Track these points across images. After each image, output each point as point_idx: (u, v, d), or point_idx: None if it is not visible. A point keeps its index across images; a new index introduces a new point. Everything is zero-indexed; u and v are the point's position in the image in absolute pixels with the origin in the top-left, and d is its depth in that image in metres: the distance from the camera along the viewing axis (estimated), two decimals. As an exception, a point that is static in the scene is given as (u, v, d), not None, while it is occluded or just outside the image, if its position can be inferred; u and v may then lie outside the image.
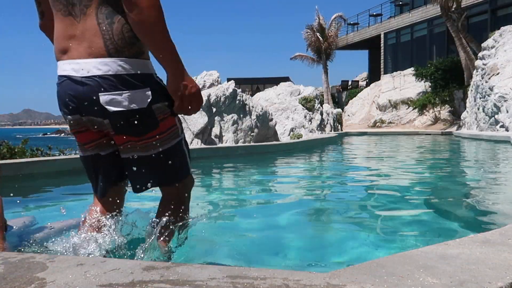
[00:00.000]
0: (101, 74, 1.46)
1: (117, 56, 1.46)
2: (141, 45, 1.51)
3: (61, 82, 1.55)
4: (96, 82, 1.46)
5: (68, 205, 3.68)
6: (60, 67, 1.56)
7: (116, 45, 1.46)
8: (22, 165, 4.99)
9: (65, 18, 1.51)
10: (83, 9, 1.47)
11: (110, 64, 1.46)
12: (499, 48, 15.09)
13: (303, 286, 1.10)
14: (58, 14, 1.54)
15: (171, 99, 1.57)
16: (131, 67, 1.49)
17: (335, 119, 17.33)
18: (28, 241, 2.15)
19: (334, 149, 11.55)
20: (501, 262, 1.29)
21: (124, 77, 1.47)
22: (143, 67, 1.53)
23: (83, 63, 1.47)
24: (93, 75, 1.46)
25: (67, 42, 1.51)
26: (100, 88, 1.47)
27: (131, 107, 1.49)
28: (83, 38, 1.48)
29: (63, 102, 1.57)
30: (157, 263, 1.30)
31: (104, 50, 1.46)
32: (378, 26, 32.83)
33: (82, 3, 1.47)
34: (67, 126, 1.66)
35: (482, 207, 3.62)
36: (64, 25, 1.51)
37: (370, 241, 2.47)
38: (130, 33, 1.48)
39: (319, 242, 2.38)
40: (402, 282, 1.13)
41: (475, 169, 6.86)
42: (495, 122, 13.68)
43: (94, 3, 1.46)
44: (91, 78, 1.47)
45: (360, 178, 6.11)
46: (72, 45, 1.50)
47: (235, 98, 10.07)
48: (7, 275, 1.17)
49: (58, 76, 1.57)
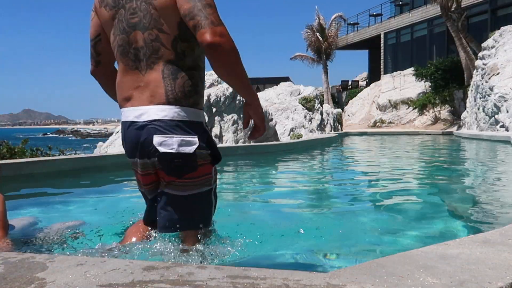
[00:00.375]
0: (158, 118, 1.64)
1: (175, 104, 1.64)
2: (197, 98, 1.71)
3: (126, 128, 1.73)
4: (153, 125, 1.65)
5: (68, 205, 3.68)
6: (123, 114, 1.75)
7: (175, 96, 1.64)
8: (22, 165, 4.99)
9: (131, 71, 1.70)
10: (150, 65, 1.66)
11: (167, 110, 1.64)
12: (499, 48, 15.09)
13: (303, 286, 1.10)
14: (125, 68, 1.73)
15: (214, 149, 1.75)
16: (185, 115, 1.66)
17: (335, 119, 17.33)
18: (28, 241, 2.15)
19: (334, 149, 11.55)
20: (501, 262, 1.29)
21: (177, 123, 1.65)
22: (196, 116, 1.70)
23: (144, 109, 1.66)
24: (152, 119, 1.64)
25: (131, 92, 1.70)
26: (156, 130, 1.64)
27: (179, 150, 1.65)
28: (146, 89, 1.66)
29: (130, 147, 1.75)
30: (157, 263, 1.30)
31: (164, 99, 1.64)
32: (378, 26, 32.82)
33: (150, 60, 1.66)
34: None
35: (482, 207, 3.62)
36: (130, 77, 1.71)
37: (370, 241, 2.47)
38: (190, 88, 1.67)
39: (319, 242, 2.38)
40: (402, 282, 1.13)
41: (475, 169, 6.86)
42: (495, 122, 13.68)
43: (161, 61, 1.65)
44: (149, 122, 1.65)
45: (360, 178, 6.11)
46: (135, 94, 1.69)
47: (235, 98, 10.07)
48: (7, 275, 1.17)
49: (122, 122, 1.76)
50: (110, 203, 3.77)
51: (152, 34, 1.66)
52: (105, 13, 1.76)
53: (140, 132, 1.67)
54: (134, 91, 1.70)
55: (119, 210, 3.07)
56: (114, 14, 1.74)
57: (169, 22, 1.65)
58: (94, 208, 3.50)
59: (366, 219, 3.12)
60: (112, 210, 3.14)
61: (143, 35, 1.67)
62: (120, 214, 2.87)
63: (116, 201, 3.86)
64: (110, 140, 12.48)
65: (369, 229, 2.76)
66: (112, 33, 1.77)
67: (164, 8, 1.64)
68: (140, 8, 1.67)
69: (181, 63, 1.67)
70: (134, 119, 1.69)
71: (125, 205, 3.45)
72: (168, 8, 1.63)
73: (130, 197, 4.14)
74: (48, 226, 2.44)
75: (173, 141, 1.64)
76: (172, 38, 1.66)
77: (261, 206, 3.69)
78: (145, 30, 1.67)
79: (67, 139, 55.25)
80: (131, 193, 4.41)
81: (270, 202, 3.95)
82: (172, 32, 1.65)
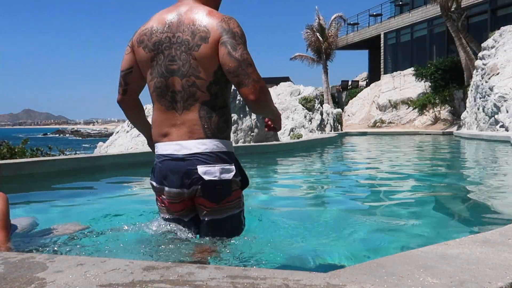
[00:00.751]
0: (200, 152, 1.84)
1: (213, 138, 1.85)
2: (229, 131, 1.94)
3: (162, 160, 1.90)
4: (196, 157, 1.84)
5: (68, 205, 3.68)
6: (160, 147, 1.92)
7: (212, 131, 1.85)
8: (22, 165, 4.99)
9: (169, 111, 1.88)
10: (187, 107, 1.85)
11: (207, 144, 1.84)
12: (499, 48, 15.09)
13: (303, 286, 1.10)
14: (162, 108, 1.90)
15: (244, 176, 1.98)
16: (222, 146, 1.87)
17: (335, 119, 17.33)
18: (28, 241, 2.15)
19: (334, 149, 11.55)
20: (501, 262, 1.29)
21: (217, 154, 1.86)
22: (229, 147, 1.92)
23: (184, 143, 1.85)
24: (194, 153, 1.84)
25: (168, 129, 1.88)
26: (199, 161, 1.84)
27: (221, 177, 1.85)
28: (183, 126, 1.86)
29: (163, 176, 1.90)
30: (157, 263, 1.30)
31: (203, 134, 1.84)
32: (378, 26, 32.80)
33: (187, 102, 1.85)
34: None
35: (482, 207, 3.62)
36: (167, 116, 1.88)
37: (370, 241, 2.47)
38: (223, 124, 1.89)
39: (319, 242, 2.38)
40: (402, 282, 1.13)
41: (475, 169, 6.87)
42: (495, 122, 13.68)
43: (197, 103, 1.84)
44: (192, 155, 1.84)
45: (360, 178, 6.11)
46: (173, 131, 1.87)
47: (235, 98, 10.07)
48: (7, 275, 1.17)
49: (158, 155, 1.93)
50: (110, 202, 3.77)
51: (189, 81, 1.83)
52: (143, 54, 1.90)
53: (181, 163, 1.85)
54: (171, 128, 1.88)
55: (119, 210, 3.07)
56: (153, 57, 1.88)
57: (206, 70, 1.82)
58: (94, 208, 3.50)
59: (366, 219, 3.12)
60: (112, 210, 3.14)
61: (181, 81, 1.84)
62: (120, 214, 2.87)
63: (116, 201, 3.87)
64: (110, 140, 12.48)
65: (369, 229, 2.76)
66: (149, 73, 1.91)
67: (204, 58, 1.80)
68: (179, 57, 1.83)
69: (214, 103, 1.86)
70: (173, 152, 1.87)
71: (125, 205, 3.45)
72: (207, 58, 1.80)
73: (130, 197, 4.14)
74: (48, 226, 2.44)
75: (215, 169, 1.84)
76: (208, 83, 1.83)
77: (261, 206, 3.69)
78: (183, 77, 1.84)
79: (67, 139, 55.26)
80: (131, 193, 4.41)
81: (270, 202, 3.95)
82: (208, 79, 1.83)
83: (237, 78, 1.77)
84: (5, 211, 2.10)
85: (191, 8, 1.86)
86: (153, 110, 1.95)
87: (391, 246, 2.34)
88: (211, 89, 1.84)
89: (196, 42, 1.80)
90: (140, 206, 3.25)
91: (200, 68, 1.81)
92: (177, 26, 1.85)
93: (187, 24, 1.83)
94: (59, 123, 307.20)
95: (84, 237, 2.25)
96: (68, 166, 5.39)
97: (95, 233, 2.36)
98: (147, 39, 1.88)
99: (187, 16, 1.84)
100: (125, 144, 11.10)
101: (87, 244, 2.07)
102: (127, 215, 2.82)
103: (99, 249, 1.92)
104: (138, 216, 2.71)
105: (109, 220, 2.74)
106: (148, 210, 2.89)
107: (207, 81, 1.83)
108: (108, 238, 2.16)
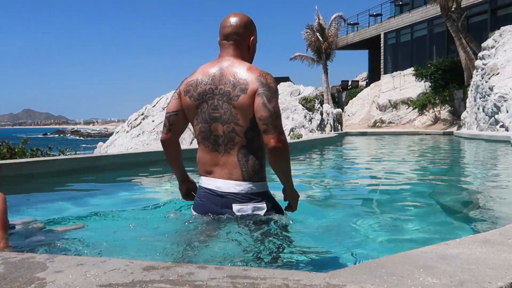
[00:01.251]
0: (236, 192, 2.13)
1: (248, 181, 2.13)
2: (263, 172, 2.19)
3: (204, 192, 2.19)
4: (232, 196, 2.13)
5: (68, 205, 3.68)
6: (204, 181, 2.20)
7: (248, 174, 2.13)
8: (22, 165, 4.99)
9: (212, 152, 2.17)
10: (227, 150, 2.13)
11: (243, 186, 2.12)
12: (499, 48, 15.09)
13: (303, 286, 1.10)
14: (206, 149, 2.18)
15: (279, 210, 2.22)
16: (256, 188, 2.15)
17: (335, 119, 17.33)
18: (28, 241, 2.15)
19: (334, 149, 11.55)
20: (501, 262, 1.29)
21: (250, 195, 2.13)
22: (263, 187, 2.19)
23: (224, 183, 2.14)
24: (231, 192, 2.13)
25: (211, 167, 2.18)
26: (234, 200, 2.13)
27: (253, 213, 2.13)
28: (225, 167, 2.14)
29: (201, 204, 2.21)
30: (157, 263, 1.30)
31: (240, 177, 2.12)
32: (378, 26, 32.79)
33: (227, 146, 2.12)
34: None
35: (482, 207, 3.62)
36: (210, 156, 2.17)
37: (370, 240, 2.47)
38: (258, 166, 2.16)
39: (318, 242, 2.38)
40: (402, 282, 1.13)
41: (475, 169, 6.87)
42: (495, 122, 13.68)
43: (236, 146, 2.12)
44: (229, 194, 2.13)
45: (360, 178, 6.11)
46: (215, 170, 2.17)
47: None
48: (7, 275, 1.17)
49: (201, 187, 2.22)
50: (110, 203, 3.77)
51: (229, 127, 2.11)
52: (188, 101, 2.17)
53: (219, 199, 2.15)
54: (214, 167, 2.17)
55: (119, 209, 3.07)
56: (198, 105, 2.15)
57: (244, 118, 2.09)
58: (94, 208, 3.50)
59: (366, 219, 3.12)
60: (112, 209, 3.14)
61: (222, 127, 2.12)
62: (120, 214, 2.87)
63: (116, 201, 3.87)
64: (110, 140, 12.49)
65: (369, 229, 2.76)
66: (195, 119, 2.19)
67: (242, 107, 2.07)
68: (221, 106, 2.10)
69: (250, 147, 2.13)
70: (214, 188, 2.16)
71: (125, 205, 3.45)
72: (245, 107, 2.06)
73: (129, 197, 4.15)
74: (48, 226, 2.44)
75: (248, 207, 2.13)
76: (245, 129, 2.10)
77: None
78: (224, 124, 2.11)
79: (67, 139, 55.24)
80: (131, 193, 4.42)
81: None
82: (245, 125, 2.09)
83: (265, 126, 2.03)
84: (3, 210, 2.10)
85: (233, 64, 2.13)
86: (199, 150, 2.24)
87: (391, 246, 2.34)
88: (247, 135, 2.11)
89: (236, 93, 2.06)
90: (140, 206, 3.25)
91: (239, 116, 2.08)
92: (220, 79, 2.11)
93: (229, 77, 2.09)
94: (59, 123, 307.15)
95: (84, 237, 2.25)
96: (68, 166, 5.39)
97: (95, 233, 2.36)
98: (193, 89, 2.16)
99: (229, 71, 2.11)
100: (125, 144, 11.11)
101: (87, 244, 2.07)
102: (127, 215, 2.82)
103: (99, 249, 1.92)
104: (138, 216, 2.71)
105: (109, 219, 2.74)
106: (148, 210, 2.89)
107: (245, 127, 2.09)
108: (108, 237, 2.16)
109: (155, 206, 2.93)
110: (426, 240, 2.46)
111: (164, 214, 2.54)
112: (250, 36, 2.23)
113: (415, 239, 2.48)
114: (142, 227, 2.41)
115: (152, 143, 10.64)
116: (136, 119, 12.30)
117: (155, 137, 10.77)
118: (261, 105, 2.03)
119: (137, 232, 2.28)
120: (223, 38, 2.20)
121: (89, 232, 2.39)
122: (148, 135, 11.04)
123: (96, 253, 1.88)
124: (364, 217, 3.24)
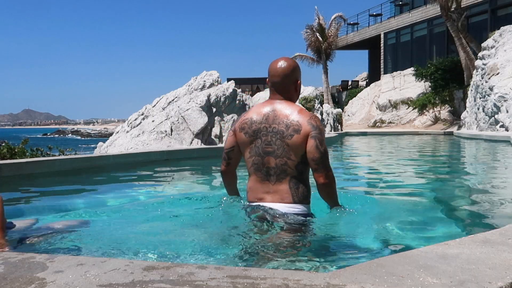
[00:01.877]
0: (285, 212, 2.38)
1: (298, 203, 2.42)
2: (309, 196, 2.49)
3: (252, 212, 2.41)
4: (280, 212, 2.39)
5: (68, 205, 3.68)
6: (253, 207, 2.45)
7: (298, 198, 2.42)
8: (22, 165, 4.99)
9: (263, 181, 2.44)
10: (280, 179, 2.41)
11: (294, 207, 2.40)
12: (499, 48, 15.09)
13: (303, 286, 1.10)
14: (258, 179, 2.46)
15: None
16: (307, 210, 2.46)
17: (335, 119, 17.34)
18: (29, 241, 2.15)
19: (334, 149, 11.55)
20: (501, 262, 1.29)
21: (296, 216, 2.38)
22: (308, 209, 2.48)
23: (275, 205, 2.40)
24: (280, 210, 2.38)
25: (262, 195, 2.45)
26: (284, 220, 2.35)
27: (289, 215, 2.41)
28: (276, 193, 2.42)
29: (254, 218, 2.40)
30: (157, 263, 1.30)
31: (291, 201, 2.41)
32: (378, 26, 32.79)
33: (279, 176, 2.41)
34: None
35: (482, 207, 3.62)
36: (261, 185, 2.45)
37: (370, 241, 2.47)
38: (307, 193, 2.46)
39: (318, 242, 2.38)
40: (402, 282, 1.13)
41: (475, 169, 6.87)
42: (495, 122, 13.68)
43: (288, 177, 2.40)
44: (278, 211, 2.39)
45: (360, 178, 6.11)
46: (266, 196, 2.44)
47: (235, 98, 10.08)
48: (7, 275, 1.17)
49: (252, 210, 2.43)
50: (110, 203, 3.77)
51: (282, 161, 2.39)
52: (243, 137, 2.47)
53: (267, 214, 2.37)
54: (265, 194, 2.44)
55: (119, 209, 3.07)
56: (252, 141, 2.45)
57: (296, 154, 2.38)
58: (94, 208, 3.50)
59: (366, 219, 3.12)
60: (112, 209, 3.14)
61: (275, 160, 2.40)
62: (120, 214, 2.87)
63: (116, 201, 3.86)
64: (110, 140, 12.48)
65: (369, 229, 2.75)
66: (248, 152, 2.48)
67: (295, 145, 2.36)
68: (275, 143, 2.39)
69: (300, 177, 2.42)
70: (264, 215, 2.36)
71: (124, 205, 3.45)
72: (298, 145, 2.36)
73: (129, 197, 4.15)
74: (48, 226, 2.44)
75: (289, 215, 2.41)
76: (296, 163, 2.39)
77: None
78: (277, 158, 2.39)
79: (67, 139, 55.25)
80: (130, 193, 4.41)
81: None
82: (296, 160, 2.39)
83: (316, 165, 2.37)
84: (1, 211, 2.10)
85: (285, 106, 2.42)
86: (250, 180, 2.51)
87: (391, 246, 2.34)
88: (298, 167, 2.40)
89: (290, 132, 2.36)
90: (140, 205, 3.25)
91: (291, 152, 2.37)
92: (273, 119, 2.41)
93: (282, 118, 2.39)
94: (59, 123, 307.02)
95: (84, 236, 2.25)
96: (68, 166, 5.39)
97: (95, 233, 2.36)
98: (247, 127, 2.45)
99: (282, 112, 2.41)
100: (125, 144, 11.10)
101: (87, 243, 2.07)
102: (127, 215, 2.82)
103: (99, 249, 1.92)
104: (138, 216, 2.72)
105: (109, 220, 2.74)
106: (148, 210, 2.89)
107: (296, 161, 2.39)
108: (108, 237, 2.16)
109: (155, 206, 2.93)
110: (426, 240, 2.46)
111: (166, 213, 2.54)
112: (297, 80, 2.52)
113: (415, 239, 2.48)
114: (142, 227, 2.41)
115: (152, 143, 10.64)
116: (136, 119, 12.30)
117: (155, 137, 10.76)
118: (314, 147, 2.35)
119: (137, 232, 2.28)
120: (272, 84, 2.49)
121: (89, 232, 2.39)
122: (148, 135, 11.03)
123: (96, 253, 1.88)
124: (363, 216, 3.24)
